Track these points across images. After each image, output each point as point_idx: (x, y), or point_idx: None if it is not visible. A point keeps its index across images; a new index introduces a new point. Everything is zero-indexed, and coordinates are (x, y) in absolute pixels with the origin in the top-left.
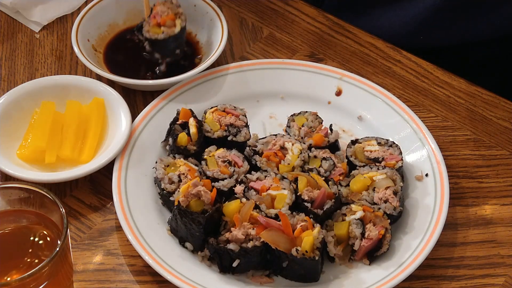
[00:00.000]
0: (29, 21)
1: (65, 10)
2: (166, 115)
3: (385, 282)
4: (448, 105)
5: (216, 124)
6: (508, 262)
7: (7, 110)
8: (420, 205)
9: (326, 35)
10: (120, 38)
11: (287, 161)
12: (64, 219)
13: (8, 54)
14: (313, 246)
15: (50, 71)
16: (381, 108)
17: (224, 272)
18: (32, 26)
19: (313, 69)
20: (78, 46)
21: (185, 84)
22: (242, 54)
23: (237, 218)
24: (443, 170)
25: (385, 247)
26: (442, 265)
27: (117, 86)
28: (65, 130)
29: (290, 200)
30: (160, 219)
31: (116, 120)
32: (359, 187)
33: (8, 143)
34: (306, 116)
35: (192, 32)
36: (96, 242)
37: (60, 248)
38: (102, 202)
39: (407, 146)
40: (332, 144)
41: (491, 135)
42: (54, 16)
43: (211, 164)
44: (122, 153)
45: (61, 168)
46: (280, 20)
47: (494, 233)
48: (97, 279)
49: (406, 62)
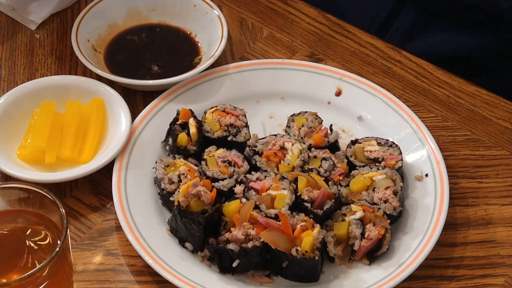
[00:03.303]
0: (24, 19)
1: (60, 6)
2: (166, 115)
3: (385, 282)
4: (448, 105)
5: (216, 124)
6: (508, 262)
7: (7, 110)
8: (420, 205)
9: (326, 35)
10: (120, 38)
11: (287, 161)
12: (64, 219)
13: (8, 54)
14: (313, 246)
15: (50, 71)
16: (381, 108)
17: (224, 272)
18: (27, 24)
19: (313, 69)
20: (78, 46)
21: (185, 84)
22: (242, 54)
23: (237, 218)
24: (443, 170)
25: (385, 247)
26: (442, 265)
27: (117, 86)
28: (65, 130)
29: (290, 200)
30: (160, 219)
31: (116, 120)
32: (359, 187)
33: (8, 143)
34: (306, 116)
35: (192, 32)
36: (96, 242)
37: (60, 248)
38: (102, 202)
39: (407, 146)
40: (332, 144)
41: (491, 135)
42: (49, 12)
43: (211, 164)
44: (122, 153)
45: (61, 168)
46: (280, 20)
47: (494, 233)
48: (97, 279)
49: (406, 62)
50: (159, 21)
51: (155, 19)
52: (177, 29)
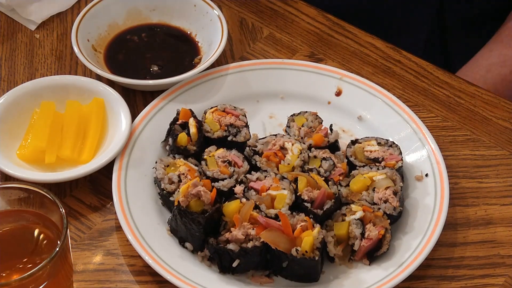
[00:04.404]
0: (24, 19)
1: (60, 8)
2: (166, 115)
3: (385, 282)
4: (448, 105)
5: (216, 124)
6: (508, 262)
7: (7, 110)
8: (420, 205)
9: (326, 35)
10: (120, 38)
11: (287, 161)
12: (64, 219)
13: (8, 54)
14: (313, 246)
15: (50, 71)
16: (381, 108)
17: (224, 272)
18: (27, 24)
19: (313, 69)
20: (78, 46)
21: (185, 84)
22: (242, 54)
23: (237, 218)
24: (443, 170)
25: (385, 247)
26: (442, 265)
27: (117, 86)
28: (65, 130)
29: (290, 200)
30: (160, 219)
31: (116, 120)
32: (359, 187)
33: (8, 143)
34: (306, 116)
35: (192, 32)
36: (96, 242)
37: (60, 248)
38: (102, 202)
39: (407, 146)
40: (332, 144)
41: (491, 135)
42: (49, 14)
43: (211, 164)
44: (122, 153)
45: (61, 168)
46: (280, 20)
47: (494, 233)
48: (97, 279)
49: (406, 62)
50: (159, 21)
51: (155, 19)
52: (177, 29)
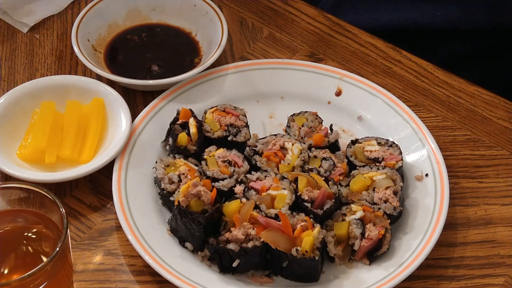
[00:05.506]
0: (16, 22)
1: (52, 10)
2: (166, 115)
3: (385, 282)
4: (448, 105)
5: (216, 124)
6: (508, 262)
7: (7, 110)
8: (420, 205)
9: (326, 35)
10: (120, 38)
11: (287, 161)
12: (64, 219)
13: (8, 54)
14: (313, 246)
15: (50, 71)
16: (381, 108)
17: (224, 272)
18: (19, 26)
19: (313, 69)
20: (78, 46)
21: (185, 84)
22: (242, 54)
23: (237, 218)
24: (443, 170)
25: (385, 247)
26: (442, 265)
27: (117, 86)
28: (65, 130)
29: (290, 200)
30: (160, 219)
31: (116, 120)
32: (359, 187)
33: (8, 143)
34: (306, 116)
35: (192, 32)
36: (96, 242)
37: (60, 248)
38: (102, 202)
39: (407, 146)
40: (332, 144)
41: (491, 135)
42: (41, 16)
43: (211, 164)
44: (122, 153)
45: (61, 168)
46: (280, 20)
47: (494, 233)
48: (97, 279)
49: (406, 62)
50: (159, 21)
51: (155, 19)
52: (177, 29)
